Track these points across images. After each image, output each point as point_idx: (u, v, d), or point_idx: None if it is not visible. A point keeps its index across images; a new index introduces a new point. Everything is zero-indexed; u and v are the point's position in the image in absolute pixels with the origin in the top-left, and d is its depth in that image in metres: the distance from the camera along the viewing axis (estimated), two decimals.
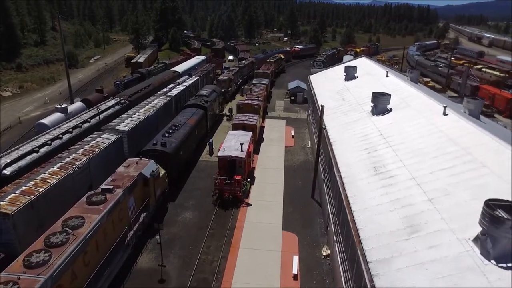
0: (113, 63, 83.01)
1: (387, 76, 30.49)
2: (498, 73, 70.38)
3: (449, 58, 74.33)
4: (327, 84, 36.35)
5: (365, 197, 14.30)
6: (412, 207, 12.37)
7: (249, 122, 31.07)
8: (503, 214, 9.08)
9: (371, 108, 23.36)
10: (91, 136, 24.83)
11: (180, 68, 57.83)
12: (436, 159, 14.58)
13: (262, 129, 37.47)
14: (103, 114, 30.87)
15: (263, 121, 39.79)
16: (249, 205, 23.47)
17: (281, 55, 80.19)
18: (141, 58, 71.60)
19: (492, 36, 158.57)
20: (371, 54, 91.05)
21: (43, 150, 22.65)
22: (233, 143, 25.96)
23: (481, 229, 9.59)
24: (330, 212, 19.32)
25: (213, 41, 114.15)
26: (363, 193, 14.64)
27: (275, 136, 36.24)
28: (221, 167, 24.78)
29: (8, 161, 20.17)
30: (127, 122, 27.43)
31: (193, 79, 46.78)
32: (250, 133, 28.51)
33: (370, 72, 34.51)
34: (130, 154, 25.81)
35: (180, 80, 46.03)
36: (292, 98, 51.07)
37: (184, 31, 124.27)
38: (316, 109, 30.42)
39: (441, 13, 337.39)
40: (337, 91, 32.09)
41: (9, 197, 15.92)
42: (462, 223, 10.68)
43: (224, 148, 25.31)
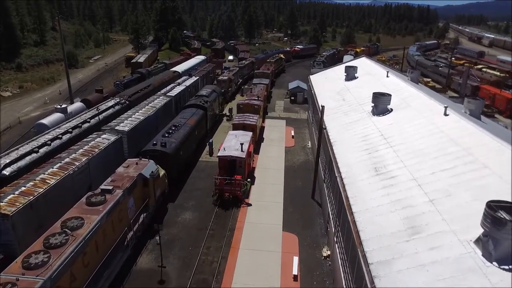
0: (113, 63, 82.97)
1: (387, 76, 30.42)
2: (498, 73, 70.39)
3: (450, 58, 74.24)
4: (327, 84, 36.29)
5: (365, 198, 14.23)
6: (413, 208, 12.30)
7: (249, 122, 31.04)
8: (505, 215, 9.02)
9: (371, 109, 23.30)
10: (90, 136, 24.79)
11: (180, 68, 57.75)
12: (437, 160, 14.51)
13: (262, 129, 37.42)
14: (103, 114, 30.80)
15: (263, 121, 39.74)
16: (249, 205, 23.42)
17: (281, 55, 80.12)
18: (141, 58, 71.52)
19: (492, 36, 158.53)
20: (371, 54, 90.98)
21: (42, 150, 22.58)
22: (233, 143, 25.92)
23: (482, 231, 9.53)
24: (330, 212, 19.27)
25: (213, 41, 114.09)
26: (363, 193, 14.58)
27: (275, 136, 36.18)
28: (221, 167, 24.76)
29: (8, 161, 20.11)
30: (127, 123, 27.39)
31: (193, 79, 46.71)
32: (250, 133, 28.47)
33: (371, 72, 34.45)
34: (130, 154, 25.76)
35: (180, 80, 45.94)
36: (292, 98, 51.02)
37: (184, 31, 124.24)
38: (316, 109, 30.36)
39: (441, 13, 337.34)
40: (337, 91, 32.03)
41: (8, 197, 15.89)
42: (463, 224, 10.62)
43: (224, 148, 25.27)
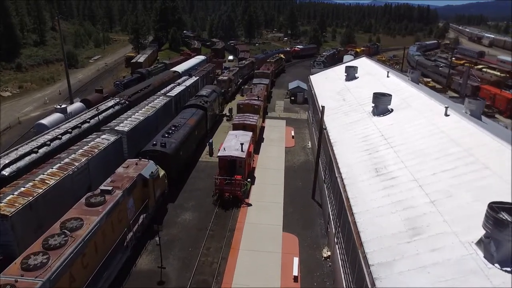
0: (113, 63, 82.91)
1: (387, 77, 30.35)
2: (498, 73, 70.34)
3: (450, 58, 74.17)
4: (327, 84, 36.22)
5: (366, 198, 14.17)
6: (414, 209, 12.24)
7: (249, 122, 30.99)
8: (507, 217, 8.95)
9: (372, 109, 23.23)
10: (90, 136, 24.71)
11: (180, 68, 57.69)
12: (438, 160, 14.44)
13: (262, 129, 37.38)
14: (103, 115, 30.74)
15: (263, 121, 39.70)
16: (249, 205, 23.37)
17: (281, 55, 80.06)
18: (141, 58, 71.44)
19: (492, 36, 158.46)
20: (371, 54, 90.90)
21: (42, 150, 22.51)
22: (233, 143, 25.87)
23: (484, 232, 9.47)
24: (330, 213, 19.21)
25: (213, 41, 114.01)
26: (364, 194, 14.51)
27: (275, 137, 36.13)
28: (221, 167, 24.71)
29: (7, 161, 20.06)
30: (126, 123, 27.32)
31: (193, 79, 46.64)
32: (251, 133, 28.43)
33: (371, 72, 34.38)
34: (130, 154, 25.69)
35: (180, 80, 45.87)
36: (292, 98, 50.96)
37: (184, 31, 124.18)
38: (316, 109, 30.30)
39: (441, 13, 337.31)
40: (337, 92, 31.96)
41: (8, 198, 15.83)
42: (464, 225, 10.55)
43: (224, 148, 25.22)
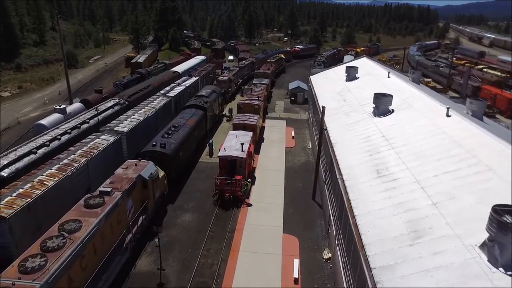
0: (113, 63, 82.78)
1: (388, 77, 30.21)
2: (499, 73, 70.21)
3: (450, 58, 74.03)
4: (328, 85, 36.08)
5: (367, 200, 14.03)
6: (416, 211, 12.10)
7: (249, 122, 30.89)
8: (511, 220, 8.82)
9: (372, 109, 23.09)
10: (89, 137, 24.59)
11: (180, 68, 57.55)
12: (439, 162, 14.30)
13: (262, 129, 37.28)
14: (102, 115, 30.62)
15: (263, 121, 39.59)
16: (249, 205, 23.27)
17: (282, 55, 79.95)
18: (141, 58, 71.29)
19: (492, 36, 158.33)
20: (371, 54, 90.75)
21: (41, 151, 22.38)
22: (233, 143, 25.77)
23: (488, 235, 9.34)
24: (331, 214, 19.07)
25: (213, 41, 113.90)
26: (365, 196, 14.37)
27: (276, 137, 36.00)
28: (221, 167, 24.62)
29: (6, 162, 19.93)
30: (126, 123, 27.18)
31: (193, 79, 46.51)
32: (251, 133, 28.33)
33: (371, 73, 34.24)
34: (129, 155, 25.57)
35: (180, 81, 45.73)
36: (292, 98, 50.83)
37: (184, 31, 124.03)
38: (316, 109, 30.16)
39: (441, 13, 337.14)
40: (338, 92, 31.82)
41: (6, 199, 15.70)
42: (467, 228, 10.41)
43: (224, 148, 25.11)
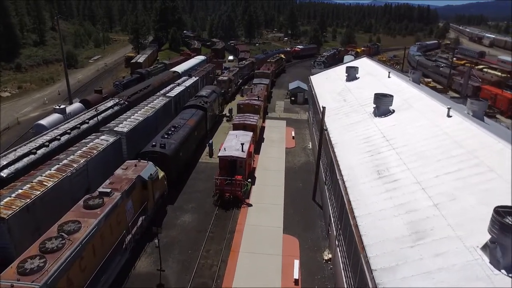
0: (113, 63, 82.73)
1: (389, 77, 30.15)
2: (499, 74, 70.15)
3: (450, 58, 73.96)
4: (328, 85, 36.02)
5: (368, 201, 13.96)
6: (417, 212, 12.03)
7: (249, 122, 30.83)
8: None
9: (373, 110, 23.02)
10: (89, 137, 24.50)
11: (180, 68, 57.49)
12: (440, 162, 14.23)
13: (262, 129, 37.23)
14: (102, 115, 30.55)
15: (263, 121, 39.53)
16: (249, 205, 23.21)
17: (282, 55, 79.89)
18: (141, 58, 71.22)
19: (493, 36, 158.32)
20: (371, 54, 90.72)
21: (40, 151, 22.30)
22: (233, 143, 25.71)
23: (490, 237, 9.26)
24: (331, 215, 19.00)
25: (213, 41, 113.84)
26: (366, 197, 14.30)
27: (276, 137, 35.93)
28: (221, 167, 24.56)
29: (5, 163, 19.85)
30: (126, 123, 27.11)
31: (193, 79, 46.45)
32: (251, 133, 28.27)
33: (372, 73, 34.18)
34: (129, 155, 25.50)
35: (179, 81, 45.67)
36: (292, 98, 50.78)
37: (184, 31, 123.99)
38: (317, 110, 30.09)
39: (441, 13, 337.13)
40: (338, 92, 31.76)
41: (5, 200, 15.63)
42: (469, 229, 10.34)
43: (225, 148, 25.05)
